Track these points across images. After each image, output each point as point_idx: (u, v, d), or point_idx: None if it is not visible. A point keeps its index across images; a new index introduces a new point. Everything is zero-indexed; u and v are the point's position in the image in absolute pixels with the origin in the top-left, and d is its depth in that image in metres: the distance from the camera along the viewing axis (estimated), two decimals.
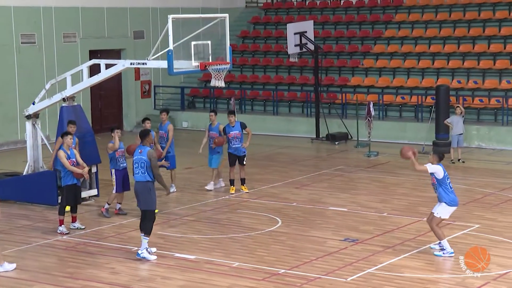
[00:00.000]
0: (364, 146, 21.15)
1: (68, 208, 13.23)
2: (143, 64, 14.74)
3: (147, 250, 11.57)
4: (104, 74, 14.99)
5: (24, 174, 15.55)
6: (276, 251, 11.93)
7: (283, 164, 19.41)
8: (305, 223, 13.62)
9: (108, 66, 15.03)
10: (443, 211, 11.44)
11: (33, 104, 15.59)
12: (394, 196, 15.63)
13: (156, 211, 12.02)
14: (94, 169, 15.23)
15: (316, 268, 11.04)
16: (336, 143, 22.23)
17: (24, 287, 10.59)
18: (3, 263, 11.08)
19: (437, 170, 11.35)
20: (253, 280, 10.60)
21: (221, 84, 14.46)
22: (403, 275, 10.74)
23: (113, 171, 14.16)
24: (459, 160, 18.97)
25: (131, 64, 15.01)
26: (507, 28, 23.84)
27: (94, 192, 15.37)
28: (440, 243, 11.62)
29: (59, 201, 13.89)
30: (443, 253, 11.46)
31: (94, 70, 15.84)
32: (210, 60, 14.37)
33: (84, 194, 14.89)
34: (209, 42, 14.47)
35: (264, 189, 16.38)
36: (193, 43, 14.23)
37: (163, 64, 14.13)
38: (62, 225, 13.10)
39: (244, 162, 15.95)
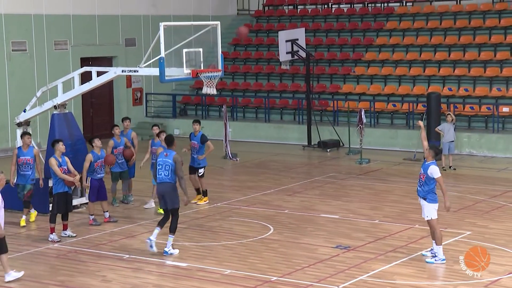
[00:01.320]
0: (355, 153, 21.19)
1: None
2: (134, 71, 14.74)
3: (171, 247, 12.05)
4: (96, 81, 14.98)
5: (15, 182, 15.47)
6: (268, 259, 11.92)
7: (275, 171, 19.41)
8: (297, 231, 13.62)
9: (99, 73, 15.02)
10: (430, 211, 11.47)
11: (24, 111, 15.55)
12: (385, 203, 15.65)
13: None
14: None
15: (308, 276, 11.04)
16: (328, 150, 22.25)
17: None
18: (9, 272, 10.95)
19: (436, 171, 11.37)
20: None
21: (213, 91, 14.47)
22: (395, 282, 10.74)
23: (89, 179, 14.15)
24: (450, 167, 19.02)
25: (122, 71, 15.00)
26: (497, 36, 23.97)
27: (85, 199, 15.32)
28: (432, 249, 11.64)
29: (50, 208, 13.84)
30: (435, 260, 11.47)
31: (85, 77, 15.82)
32: (202, 68, 14.38)
33: (75, 201, 14.85)
34: (200, 49, 14.48)
35: (256, 197, 16.38)
36: (184, 50, 14.24)
37: (155, 71, 14.13)
38: (53, 233, 13.06)
39: (200, 174, 15.51)
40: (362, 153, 20.53)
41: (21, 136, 14.35)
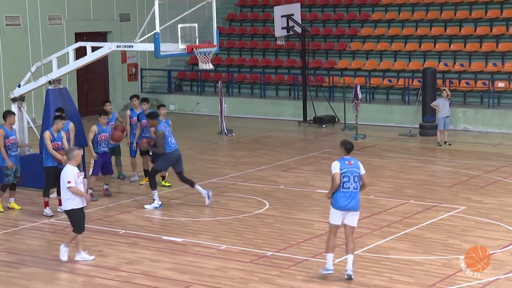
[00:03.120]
0: (351, 129, 21.20)
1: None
2: (129, 47, 14.64)
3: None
4: (90, 57, 14.90)
5: None
6: (264, 234, 11.97)
7: (271, 147, 19.43)
8: (293, 206, 13.67)
9: (94, 49, 14.95)
10: (330, 214, 9.90)
11: (19, 87, 15.48)
12: (381, 179, 15.68)
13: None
14: (81, 153, 15.12)
15: (304, 250, 11.10)
16: (323, 126, 22.25)
17: (11, 270, 10.58)
18: (81, 252, 10.85)
19: (334, 167, 9.74)
20: (241, 263, 10.64)
21: (209, 66, 14.40)
22: (389, 257, 10.81)
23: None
24: (445, 142, 19.06)
25: (117, 46, 14.92)
26: (494, 11, 23.89)
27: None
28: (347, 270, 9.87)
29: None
30: (325, 270, 9.87)
31: (80, 53, 15.73)
32: (197, 43, 14.31)
33: None
34: (195, 24, 14.39)
35: (252, 172, 16.40)
36: (179, 25, 14.15)
37: (150, 47, 14.06)
38: (47, 207, 13.06)
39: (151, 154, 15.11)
40: (357, 129, 20.54)
41: (4, 116, 13.41)
